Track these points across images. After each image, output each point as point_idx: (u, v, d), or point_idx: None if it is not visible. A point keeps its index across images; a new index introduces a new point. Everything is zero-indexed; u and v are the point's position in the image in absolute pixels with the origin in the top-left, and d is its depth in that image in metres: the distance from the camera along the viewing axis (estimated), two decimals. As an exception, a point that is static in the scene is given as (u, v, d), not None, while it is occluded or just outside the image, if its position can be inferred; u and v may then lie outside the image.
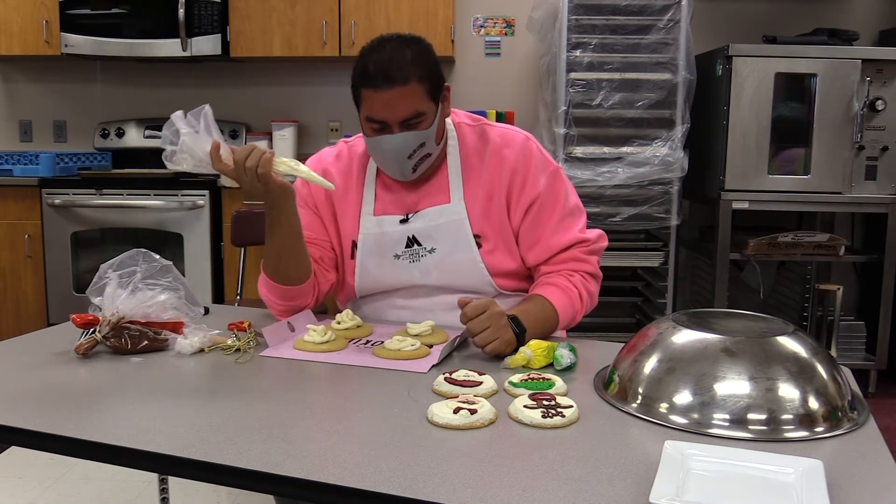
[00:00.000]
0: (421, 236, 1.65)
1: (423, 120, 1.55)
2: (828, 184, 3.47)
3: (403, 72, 1.50)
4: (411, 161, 1.59)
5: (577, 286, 1.63)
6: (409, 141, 1.56)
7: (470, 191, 1.65)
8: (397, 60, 1.51)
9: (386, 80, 1.50)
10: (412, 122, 1.54)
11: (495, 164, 1.65)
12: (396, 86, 1.50)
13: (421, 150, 1.58)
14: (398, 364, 1.37)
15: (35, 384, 1.27)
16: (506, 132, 1.69)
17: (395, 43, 1.54)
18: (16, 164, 3.97)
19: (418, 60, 1.53)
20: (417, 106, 1.53)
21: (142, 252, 1.48)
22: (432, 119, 1.57)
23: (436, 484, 0.92)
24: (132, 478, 2.65)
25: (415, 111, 1.53)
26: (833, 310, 3.53)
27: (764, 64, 3.41)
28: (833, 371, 1.15)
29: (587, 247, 1.67)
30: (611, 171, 3.46)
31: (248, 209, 3.53)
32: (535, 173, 1.65)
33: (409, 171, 1.62)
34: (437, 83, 1.57)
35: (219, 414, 1.15)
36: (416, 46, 1.56)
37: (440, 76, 1.59)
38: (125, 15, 3.96)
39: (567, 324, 1.63)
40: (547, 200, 1.65)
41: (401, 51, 1.52)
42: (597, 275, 1.69)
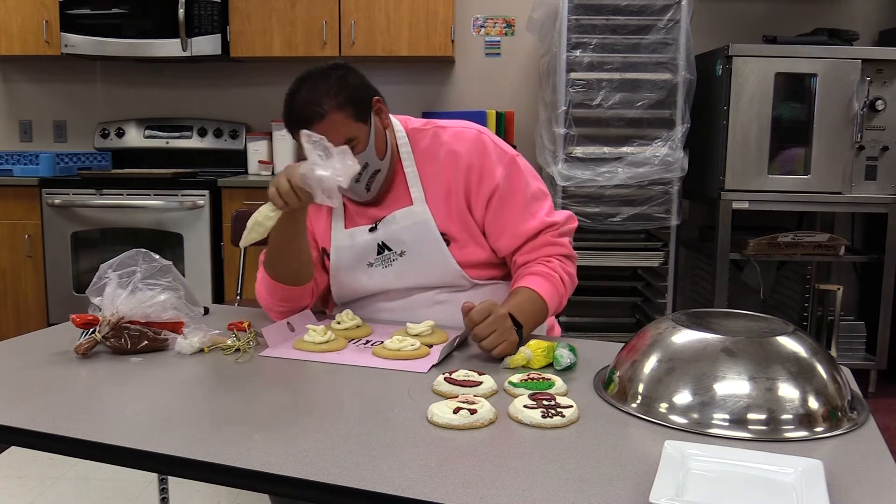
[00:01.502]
0: (390, 241, 1.68)
1: (356, 144, 1.57)
2: (828, 184, 3.47)
3: (320, 108, 1.54)
4: (361, 183, 1.63)
5: (557, 270, 1.63)
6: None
7: (430, 191, 1.67)
8: (312, 98, 1.56)
9: (306, 120, 1.55)
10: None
11: (450, 163, 1.67)
12: (317, 122, 1.54)
13: (366, 170, 1.61)
14: (398, 364, 1.37)
15: (35, 384, 1.27)
16: (458, 131, 1.70)
17: (311, 80, 1.59)
18: (16, 164, 3.97)
19: (333, 90, 1.56)
20: (345, 133, 1.56)
21: (142, 252, 1.48)
22: (366, 139, 1.59)
23: (436, 484, 0.92)
24: (132, 478, 2.65)
25: (344, 139, 1.55)
26: (833, 310, 3.53)
27: (764, 64, 3.41)
28: (833, 371, 1.15)
29: (557, 229, 1.68)
30: (611, 171, 3.46)
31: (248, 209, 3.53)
32: (491, 165, 1.66)
33: (363, 192, 1.66)
34: (361, 104, 1.59)
35: (219, 414, 1.15)
36: (331, 76, 1.59)
37: (365, 94, 1.61)
38: (125, 15, 3.96)
39: (555, 309, 1.63)
40: (507, 189, 1.66)
41: (315, 87, 1.57)
42: (571, 256, 1.70)
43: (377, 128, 1.62)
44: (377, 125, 1.63)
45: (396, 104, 4.28)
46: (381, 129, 1.64)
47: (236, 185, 3.86)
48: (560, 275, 1.64)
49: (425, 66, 4.25)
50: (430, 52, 3.90)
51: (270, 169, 4.20)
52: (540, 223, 1.66)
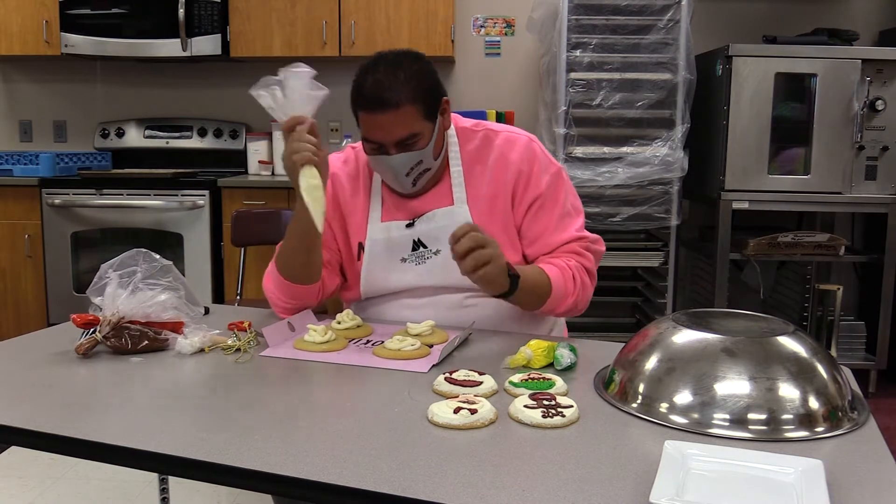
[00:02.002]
0: (426, 239, 1.67)
1: (418, 140, 1.56)
2: (828, 184, 3.47)
3: (396, 95, 1.51)
4: (409, 177, 1.62)
5: (573, 269, 1.64)
6: (406, 161, 1.58)
7: (473, 193, 1.67)
8: (390, 83, 1.51)
9: (378, 104, 1.51)
10: (408, 143, 1.56)
11: (500, 167, 1.67)
12: (389, 110, 1.51)
13: (419, 166, 1.60)
14: (398, 364, 1.37)
15: (35, 384, 1.27)
16: (510, 136, 1.70)
17: (390, 63, 1.54)
18: (16, 164, 3.97)
19: (411, 81, 1.53)
20: (411, 128, 1.54)
21: (142, 252, 1.48)
22: (429, 137, 1.58)
23: (436, 484, 0.92)
24: (132, 478, 2.65)
25: (409, 133, 1.54)
26: (833, 310, 3.53)
27: (764, 64, 3.41)
28: (833, 371, 1.15)
29: (585, 243, 1.69)
30: (611, 171, 3.46)
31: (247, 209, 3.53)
32: (539, 173, 1.67)
33: (408, 186, 1.65)
34: (432, 101, 1.57)
35: (219, 414, 1.15)
36: (411, 65, 1.55)
37: (437, 92, 1.59)
38: (125, 15, 3.96)
39: (556, 302, 1.61)
40: (548, 199, 1.68)
41: (394, 72, 1.52)
42: (592, 271, 1.70)
43: (441, 128, 1.62)
44: (442, 125, 1.63)
45: (396, 104, 4.28)
46: (442, 129, 1.64)
47: (236, 185, 3.86)
48: (573, 273, 1.63)
49: (425, 66, 4.24)
50: (430, 52, 3.89)
51: (270, 169, 4.20)
52: (570, 236, 1.68)
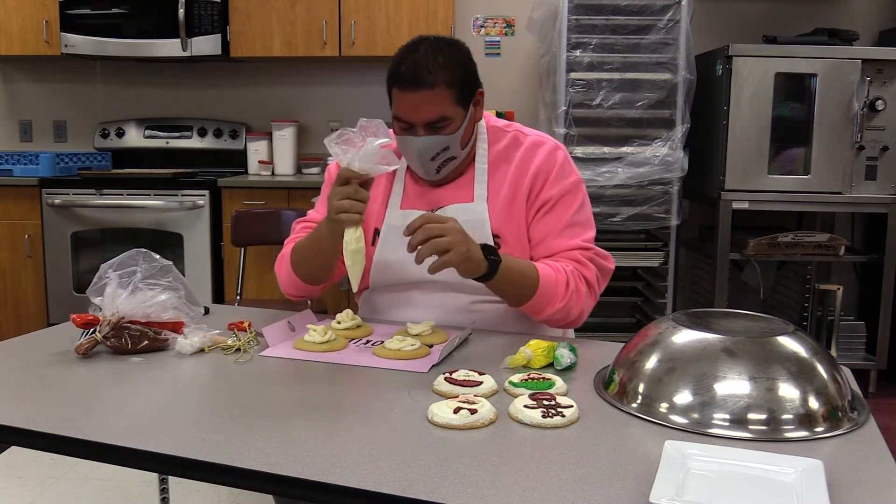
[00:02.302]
0: None
1: (448, 124, 1.57)
2: (828, 184, 3.47)
3: (431, 76, 1.52)
4: (434, 163, 1.62)
5: (568, 274, 1.60)
6: (433, 144, 1.58)
7: (494, 192, 1.67)
8: (428, 63, 1.52)
9: (413, 83, 1.52)
10: (437, 126, 1.56)
11: (522, 168, 1.68)
12: (422, 89, 1.52)
13: (445, 153, 1.60)
14: (398, 364, 1.37)
15: (35, 384, 1.27)
16: (537, 139, 1.71)
17: (431, 45, 1.56)
18: (16, 164, 3.97)
19: (449, 65, 1.54)
20: (443, 111, 1.55)
21: (142, 252, 1.48)
22: (459, 124, 1.59)
23: (436, 484, 0.92)
24: (132, 478, 2.65)
25: (440, 115, 1.55)
26: (833, 310, 3.53)
27: (764, 64, 3.41)
28: (833, 371, 1.15)
29: (589, 254, 1.66)
30: (611, 171, 3.46)
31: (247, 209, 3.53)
32: (555, 178, 1.67)
33: (432, 172, 1.65)
34: (467, 89, 1.59)
35: (219, 414, 1.15)
36: (451, 50, 1.57)
37: (473, 82, 1.61)
38: (125, 15, 3.96)
39: (544, 301, 1.58)
40: (559, 205, 1.67)
41: (433, 54, 1.54)
42: (591, 282, 1.65)
43: (472, 118, 1.63)
44: (473, 115, 1.64)
45: (396, 104, 4.28)
46: (473, 119, 1.65)
47: (236, 185, 3.86)
48: (568, 279, 1.60)
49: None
50: (430, 52, 3.89)
51: (270, 169, 4.20)
52: (574, 244, 1.66)
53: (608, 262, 1.71)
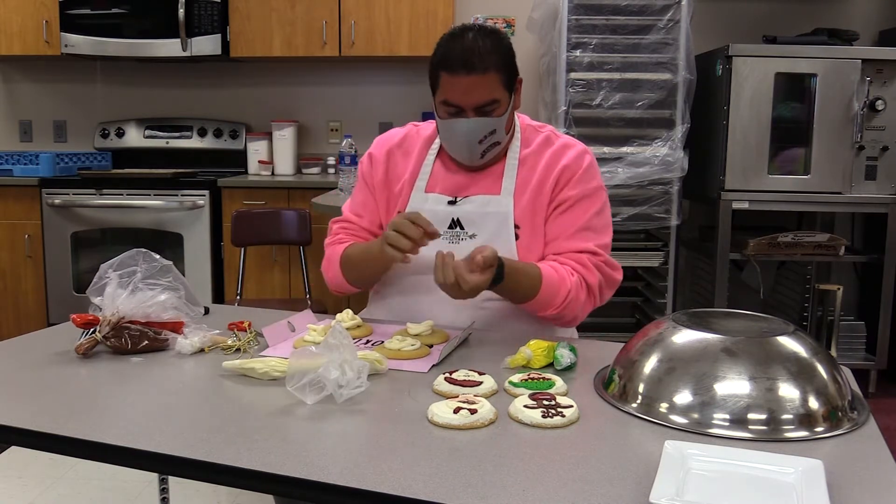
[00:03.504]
0: (465, 221, 1.69)
1: (497, 107, 1.62)
2: (828, 184, 3.47)
3: (483, 61, 1.57)
4: (481, 146, 1.65)
5: (570, 278, 1.61)
6: (482, 126, 1.62)
7: (521, 187, 1.69)
8: (478, 49, 1.58)
9: (465, 67, 1.57)
10: (487, 109, 1.61)
11: (549, 166, 1.70)
12: (475, 73, 1.57)
13: (492, 136, 1.64)
14: (398, 364, 1.37)
15: (35, 384, 1.27)
16: (568, 141, 1.75)
17: (478, 32, 1.62)
18: (16, 164, 3.97)
19: (498, 50, 1.60)
20: (493, 93, 1.60)
21: (142, 252, 1.48)
22: (506, 108, 1.64)
23: (436, 484, 0.92)
24: (132, 478, 2.65)
25: (491, 98, 1.60)
26: (833, 310, 3.53)
27: (764, 64, 3.41)
28: (833, 371, 1.15)
29: (597, 260, 1.67)
30: (611, 171, 3.46)
31: (247, 209, 3.53)
32: (578, 180, 1.69)
33: (477, 156, 1.68)
34: (512, 74, 1.64)
35: (219, 414, 1.15)
36: (496, 37, 1.63)
37: (515, 68, 1.66)
38: (125, 15, 3.96)
39: (545, 303, 1.60)
40: (577, 205, 1.68)
41: (482, 40, 1.60)
42: (592, 288, 1.65)
43: (515, 103, 1.68)
44: (516, 102, 1.68)
45: (396, 104, 4.28)
46: (516, 106, 1.69)
47: (236, 185, 3.86)
48: (570, 283, 1.60)
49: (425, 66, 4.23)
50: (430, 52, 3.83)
51: (270, 169, 4.21)
52: (583, 247, 1.67)
53: (616, 273, 1.71)
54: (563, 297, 1.60)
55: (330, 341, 1.18)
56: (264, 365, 1.29)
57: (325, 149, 4.35)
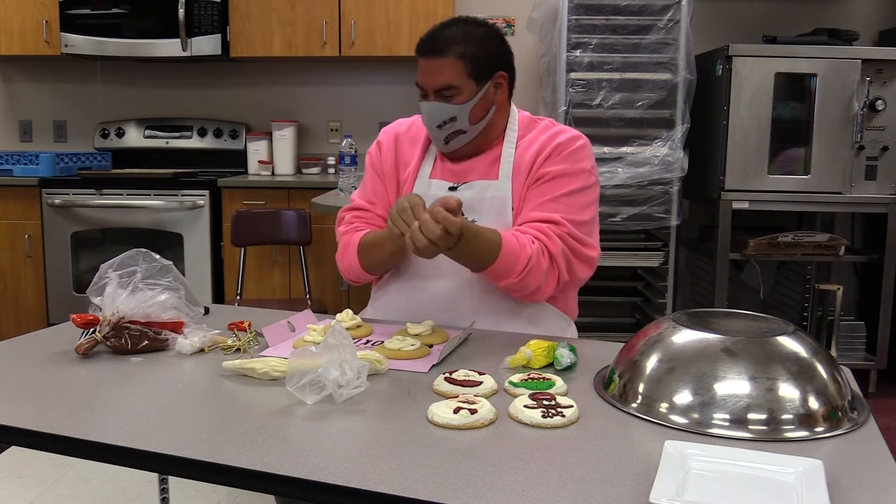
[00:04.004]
0: (465, 206, 1.67)
1: (456, 94, 1.63)
2: (828, 184, 3.47)
3: (446, 46, 1.62)
4: (442, 132, 1.67)
5: (531, 246, 1.56)
6: (440, 111, 1.65)
7: (517, 171, 1.70)
8: (447, 35, 1.64)
9: (429, 49, 1.64)
10: (445, 94, 1.64)
11: (545, 143, 1.70)
12: (435, 56, 1.63)
13: (452, 123, 1.66)
14: (398, 364, 1.37)
15: (35, 384, 1.27)
16: (564, 128, 1.75)
17: (458, 20, 1.67)
18: (16, 164, 3.97)
19: (469, 40, 1.63)
20: (451, 80, 1.63)
21: (142, 252, 1.48)
22: (468, 97, 1.64)
23: (436, 484, 0.92)
24: (132, 478, 2.65)
25: (447, 83, 1.63)
26: (833, 310, 3.53)
27: (764, 64, 3.41)
28: (833, 371, 1.15)
29: (560, 227, 1.61)
30: (611, 171, 3.46)
31: (247, 209, 3.53)
32: (564, 157, 1.67)
33: (440, 142, 1.70)
34: (483, 65, 1.65)
35: (219, 414, 1.15)
36: (475, 28, 1.66)
37: (494, 62, 1.67)
38: (125, 15, 3.96)
39: (506, 270, 1.55)
40: (554, 181, 1.65)
41: (457, 28, 1.65)
42: (556, 258, 1.59)
43: (486, 96, 1.67)
44: (488, 94, 1.68)
45: (396, 104, 4.28)
46: (489, 99, 1.69)
47: (236, 185, 3.86)
48: (530, 251, 1.55)
49: (425, 66, 4.24)
50: (430, 52, 3.89)
51: (270, 169, 4.21)
52: (549, 217, 1.61)
53: (588, 249, 1.66)
54: (524, 265, 1.55)
55: (330, 341, 1.18)
56: (264, 365, 1.29)
57: (325, 149, 4.36)
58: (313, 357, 1.17)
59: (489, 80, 1.66)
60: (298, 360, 1.17)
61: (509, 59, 1.73)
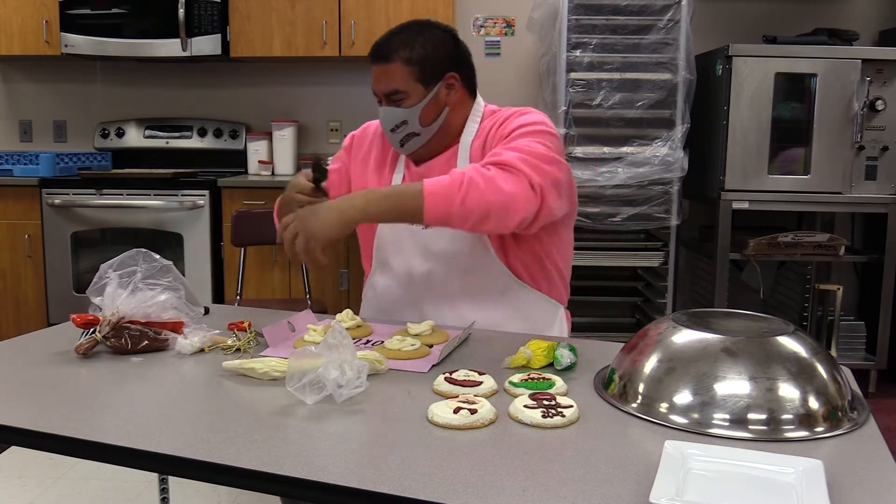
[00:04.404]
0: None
1: (404, 98, 1.65)
2: (828, 184, 3.47)
3: (392, 52, 1.64)
4: (396, 135, 1.69)
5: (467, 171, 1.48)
6: (391, 115, 1.67)
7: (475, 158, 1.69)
8: (394, 41, 1.65)
9: (376, 56, 1.67)
10: (394, 98, 1.66)
11: (495, 123, 1.71)
12: (381, 63, 1.66)
13: (404, 126, 1.67)
14: (398, 364, 1.37)
15: (35, 384, 1.27)
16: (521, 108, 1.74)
17: (406, 25, 1.68)
18: (16, 164, 3.97)
19: (416, 44, 1.64)
20: (398, 84, 1.64)
21: (142, 252, 1.48)
22: (417, 101, 1.65)
23: (436, 484, 0.92)
24: (132, 478, 2.65)
25: (394, 88, 1.65)
26: (833, 310, 3.53)
27: (764, 64, 3.41)
28: (833, 371, 1.15)
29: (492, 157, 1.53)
30: (611, 171, 3.46)
31: (247, 209, 3.53)
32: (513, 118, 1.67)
33: (397, 145, 1.72)
34: (431, 68, 1.65)
35: (219, 414, 1.15)
36: (421, 31, 1.67)
37: (443, 64, 1.67)
38: (125, 15, 3.96)
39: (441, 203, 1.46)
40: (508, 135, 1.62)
41: (406, 33, 1.66)
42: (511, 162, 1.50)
43: (437, 98, 1.67)
44: (439, 96, 1.68)
45: (396, 104, 4.28)
46: (440, 101, 1.69)
47: (236, 185, 3.86)
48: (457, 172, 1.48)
49: (425, 66, 4.24)
50: (430, 52, 3.89)
51: (270, 169, 4.21)
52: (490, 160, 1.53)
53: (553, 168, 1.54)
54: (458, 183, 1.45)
55: (329, 341, 1.18)
56: (264, 365, 1.29)
57: (325, 149, 4.35)
58: (313, 357, 1.17)
59: (439, 82, 1.67)
60: (298, 360, 1.17)
61: (462, 59, 1.72)
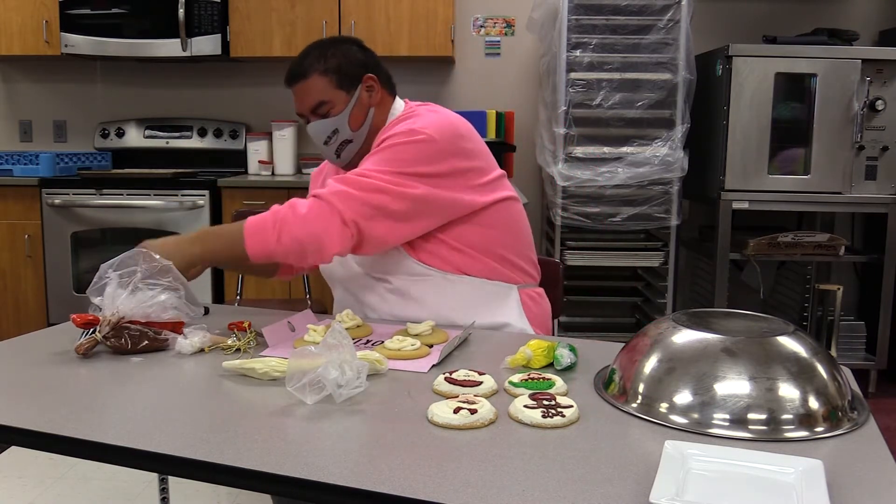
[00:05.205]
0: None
1: (330, 108, 1.68)
2: (828, 184, 3.47)
3: (307, 68, 1.67)
4: (330, 147, 1.72)
5: (283, 208, 1.58)
6: (321, 128, 1.69)
7: None
8: (301, 59, 1.69)
9: (292, 77, 1.70)
10: (320, 111, 1.69)
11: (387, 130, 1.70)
12: (299, 81, 1.69)
13: (336, 135, 1.70)
14: (398, 364, 1.37)
15: (35, 384, 1.27)
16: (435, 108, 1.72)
17: (315, 46, 1.70)
18: (16, 164, 3.97)
19: (324, 56, 1.67)
20: (321, 96, 1.68)
21: (142, 252, 1.48)
22: (343, 106, 1.68)
23: (436, 484, 0.92)
24: (132, 478, 2.65)
25: (319, 101, 1.68)
26: (833, 310, 3.53)
27: (764, 64, 3.42)
28: (833, 371, 1.15)
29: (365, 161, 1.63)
30: (611, 171, 3.46)
31: (247, 209, 3.53)
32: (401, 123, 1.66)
33: (333, 157, 1.75)
34: (348, 74, 1.68)
35: (219, 414, 1.15)
36: (325, 46, 1.69)
37: (355, 68, 1.69)
38: (125, 15, 3.96)
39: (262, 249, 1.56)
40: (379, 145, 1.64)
41: (310, 51, 1.70)
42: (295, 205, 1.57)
43: (360, 101, 1.70)
44: (362, 99, 1.70)
45: (396, 104, 4.28)
46: (364, 103, 1.71)
47: (236, 185, 3.86)
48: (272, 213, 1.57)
49: (425, 66, 4.25)
50: (429, 52, 3.90)
51: (270, 169, 4.21)
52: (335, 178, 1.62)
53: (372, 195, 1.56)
54: (272, 222, 1.55)
55: (329, 341, 1.18)
56: (264, 365, 1.29)
57: (325, 149, 4.35)
58: (313, 357, 1.17)
59: (358, 85, 1.70)
60: (298, 360, 1.17)
61: (373, 61, 1.74)
